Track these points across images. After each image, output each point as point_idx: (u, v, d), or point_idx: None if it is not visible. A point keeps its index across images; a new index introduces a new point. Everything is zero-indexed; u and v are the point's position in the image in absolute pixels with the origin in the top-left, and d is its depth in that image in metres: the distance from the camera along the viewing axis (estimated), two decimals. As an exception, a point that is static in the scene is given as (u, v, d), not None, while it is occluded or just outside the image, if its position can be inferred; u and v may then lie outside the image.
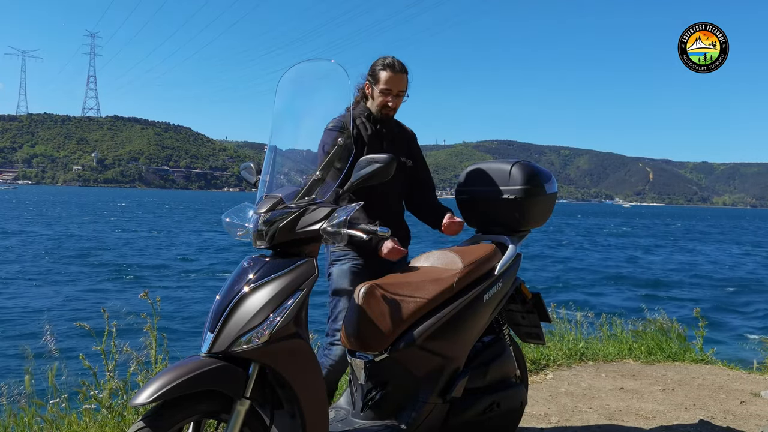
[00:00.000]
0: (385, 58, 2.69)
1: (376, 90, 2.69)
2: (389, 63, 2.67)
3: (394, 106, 2.72)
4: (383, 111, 2.71)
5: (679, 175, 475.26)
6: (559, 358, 4.76)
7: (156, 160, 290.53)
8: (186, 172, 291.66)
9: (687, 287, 19.08)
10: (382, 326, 2.24)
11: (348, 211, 1.91)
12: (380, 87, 2.67)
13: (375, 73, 2.69)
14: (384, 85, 2.66)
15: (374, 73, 2.69)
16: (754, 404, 3.84)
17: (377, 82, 2.68)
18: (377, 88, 2.68)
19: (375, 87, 2.69)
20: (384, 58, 2.69)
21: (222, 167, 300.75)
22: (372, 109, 2.74)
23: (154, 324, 3.32)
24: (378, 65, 2.69)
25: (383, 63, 2.68)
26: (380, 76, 2.66)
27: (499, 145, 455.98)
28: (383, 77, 2.66)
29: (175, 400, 1.72)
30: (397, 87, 2.67)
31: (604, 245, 36.12)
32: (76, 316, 3.23)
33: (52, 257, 21.13)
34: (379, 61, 2.70)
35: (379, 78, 2.66)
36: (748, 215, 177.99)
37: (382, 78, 2.66)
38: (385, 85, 2.66)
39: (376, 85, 2.68)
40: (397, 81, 2.66)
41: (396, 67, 2.66)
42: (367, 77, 2.73)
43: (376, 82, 2.68)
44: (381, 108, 2.71)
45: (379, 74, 2.66)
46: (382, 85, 2.66)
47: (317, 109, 2.39)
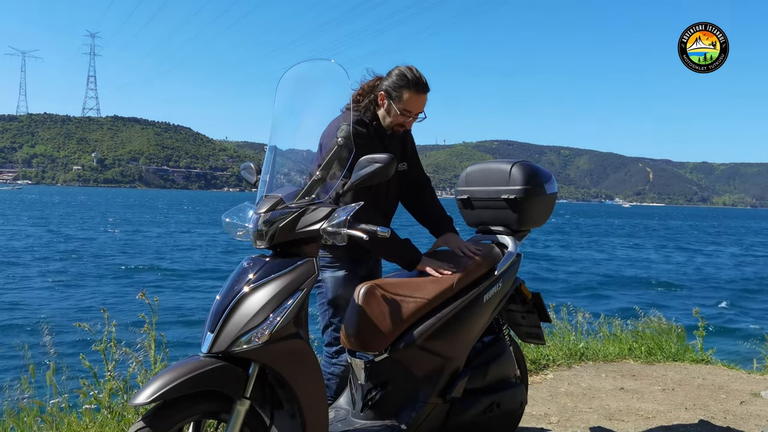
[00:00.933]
0: (409, 71, 2.43)
1: (394, 107, 2.44)
2: (414, 81, 2.41)
3: (410, 127, 2.57)
4: (396, 129, 2.53)
5: (679, 175, 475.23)
6: (559, 358, 4.76)
7: (156, 160, 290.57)
8: (186, 172, 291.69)
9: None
10: (382, 326, 2.24)
11: (348, 211, 1.91)
12: (401, 107, 2.43)
13: (397, 88, 2.43)
14: (406, 106, 2.44)
15: (396, 89, 2.43)
16: (754, 404, 3.84)
17: (398, 100, 2.43)
18: (396, 106, 2.44)
19: (394, 104, 2.44)
20: (409, 71, 2.44)
21: (222, 167, 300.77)
22: (383, 121, 2.52)
23: (153, 323, 3.32)
24: (401, 80, 2.42)
25: (408, 79, 2.41)
26: (403, 96, 2.42)
27: (499, 145, 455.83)
28: (406, 98, 2.42)
29: (175, 400, 1.72)
30: (417, 109, 2.47)
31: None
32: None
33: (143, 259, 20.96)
34: (403, 73, 2.43)
35: (402, 97, 2.42)
36: (749, 215, 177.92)
37: (405, 98, 2.42)
38: (407, 107, 2.44)
39: (395, 103, 2.44)
40: (420, 103, 2.46)
41: (421, 86, 2.43)
42: (386, 87, 2.46)
43: (396, 99, 2.43)
44: (395, 126, 2.51)
45: (403, 93, 2.42)
46: (404, 106, 2.43)
47: (317, 109, 2.38)
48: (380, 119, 2.53)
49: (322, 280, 2.54)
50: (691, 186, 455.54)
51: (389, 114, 2.49)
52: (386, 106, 2.48)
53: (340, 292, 2.51)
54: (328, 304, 2.53)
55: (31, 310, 11.95)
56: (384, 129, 2.56)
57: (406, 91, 2.42)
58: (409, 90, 2.42)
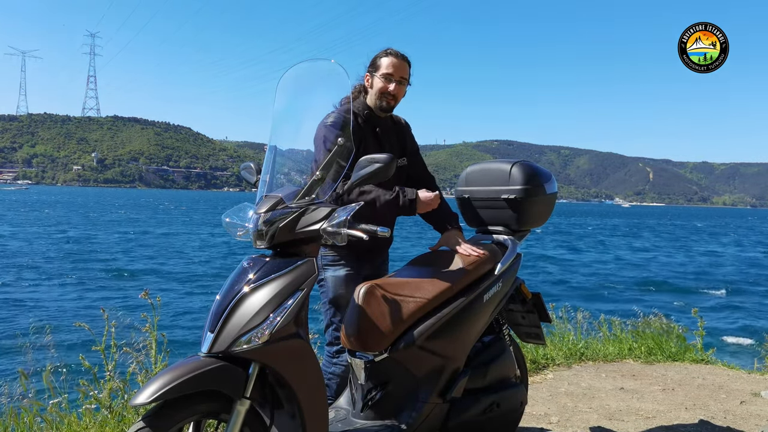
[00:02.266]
0: (386, 49, 2.59)
1: (376, 77, 2.56)
2: (391, 51, 2.57)
3: (395, 92, 2.57)
4: (384, 99, 2.57)
5: (679, 175, 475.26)
6: (559, 358, 4.76)
7: (156, 160, 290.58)
8: (186, 172, 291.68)
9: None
10: (382, 326, 2.24)
11: (348, 210, 1.91)
12: (381, 72, 2.54)
13: (375, 61, 2.57)
14: (385, 69, 2.54)
15: (374, 62, 2.57)
16: (754, 404, 3.84)
17: (377, 69, 2.56)
18: (377, 75, 2.55)
19: (375, 75, 2.56)
20: (385, 49, 2.59)
21: (222, 167, 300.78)
22: (371, 102, 2.60)
23: (155, 324, 3.32)
24: (377, 55, 2.59)
25: (384, 52, 2.58)
26: (381, 63, 2.55)
27: (499, 145, 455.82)
28: (384, 63, 2.54)
29: (175, 400, 1.72)
30: (398, 72, 2.55)
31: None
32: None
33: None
34: (380, 52, 2.60)
35: (380, 64, 2.55)
36: (749, 215, 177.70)
37: (383, 63, 2.54)
38: (387, 69, 2.54)
39: (376, 72, 2.56)
40: (399, 66, 2.55)
41: (394, 52, 2.56)
42: (367, 69, 2.61)
43: (376, 69, 2.56)
44: (381, 96, 2.56)
45: (380, 61, 2.56)
46: (384, 70, 2.54)
47: (317, 109, 2.38)
48: (371, 106, 2.60)
49: (323, 279, 2.55)
50: (691, 186, 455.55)
51: (374, 88, 2.58)
52: (370, 82, 2.59)
53: (340, 291, 2.51)
54: (329, 303, 2.54)
55: (31, 310, 11.95)
56: (377, 118, 2.59)
57: (383, 58, 2.56)
58: (385, 56, 2.55)
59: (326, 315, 2.57)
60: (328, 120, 2.41)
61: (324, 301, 2.57)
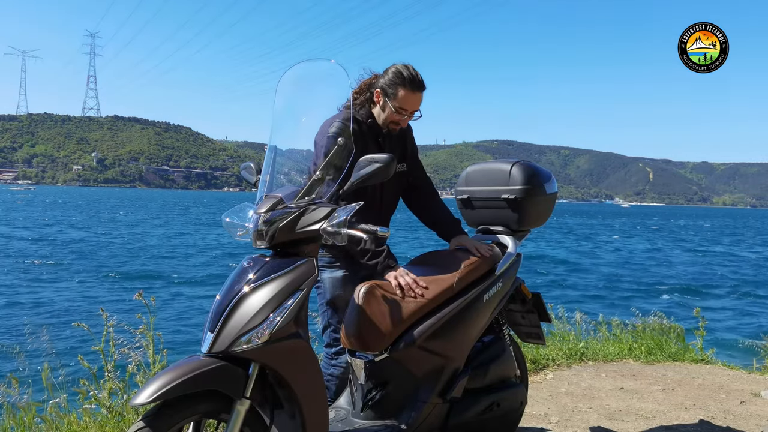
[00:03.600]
0: (406, 69, 2.42)
1: (389, 105, 2.43)
2: (410, 79, 2.40)
3: (405, 126, 2.54)
4: (391, 127, 2.51)
5: (679, 175, 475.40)
6: (559, 358, 4.76)
7: (156, 160, 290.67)
8: (186, 172, 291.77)
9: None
10: (382, 326, 2.24)
11: (348, 210, 1.91)
12: (395, 105, 2.42)
13: (393, 86, 2.41)
14: (401, 104, 2.42)
15: (391, 86, 2.42)
16: (754, 404, 3.84)
17: (392, 98, 2.42)
18: (392, 103, 2.42)
19: (389, 101, 2.43)
20: (405, 69, 2.42)
21: (222, 167, 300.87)
22: (378, 119, 2.51)
23: (151, 324, 3.31)
24: (397, 78, 2.41)
25: (404, 77, 2.40)
26: (398, 93, 2.41)
27: (499, 145, 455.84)
28: (401, 96, 2.41)
29: (175, 400, 1.72)
30: (413, 107, 2.45)
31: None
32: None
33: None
34: (399, 71, 2.42)
35: (397, 95, 2.41)
36: (750, 215, 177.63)
37: (400, 96, 2.41)
38: (402, 105, 2.42)
39: (390, 101, 2.42)
40: (415, 101, 2.44)
41: (416, 84, 2.41)
42: (381, 85, 2.44)
43: (391, 97, 2.42)
44: (390, 124, 2.50)
45: (398, 90, 2.41)
46: (399, 104, 2.42)
47: (317, 109, 2.38)
48: (376, 117, 2.53)
49: (320, 280, 2.52)
50: (691, 186, 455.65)
51: (384, 111, 2.47)
52: (381, 103, 2.47)
53: (338, 292, 2.50)
54: (327, 304, 2.53)
55: (33, 309, 11.95)
56: (380, 127, 2.55)
57: (402, 89, 2.41)
58: (404, 88, 2.41)
59: (323, 316, 2.55)
60: (332, 129, 2.33)
61: (321, 302, 2.54)
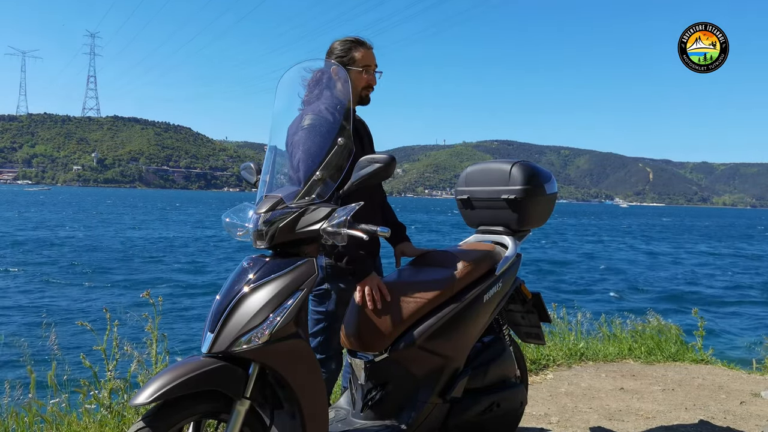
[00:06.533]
0: (344, 38, 2.47)
1: (354, 71, 2.43)
2: (356, 40, 2.45)
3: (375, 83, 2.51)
4: (365, 92, 2.50)
5: (679, 175, 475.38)
6: (559, 358, 4.76)
7: (156, 160, 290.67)
8: (186, 172, 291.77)
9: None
10: (382, 326, 2.24)
11: (348, 210, 1.91)
12: (359, 65, 2.44)
13: (346, 53, 2.43)
14: (363, 62, 2.44)
15: (345, 56, 2.43)
16: (754, 404, 3.84)
17: (353, 63, 2.44)
18: (355, 68, 2.43)
19: (352, 68, 2.43)
20: (343, 39, 2.46)
21: (222, 167, 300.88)
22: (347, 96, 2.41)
23: (155, 324, 3.32)
24: (345, 45, 2.45)
25: (351, 41, 2.45)
26: (355, 56, 2.44)
27: (499, 145, 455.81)
28: (359, 56, 2.44)
29: (175, 400, 1.72)
30: (373, 62, 2.48)
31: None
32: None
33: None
34: (343, 41, 2.46)
35: (355, 57, 2.44)
36: (750, 215, 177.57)
37: (359, 57, 2.44)
38: (365, 62, 2.45)
39: (353, 66, 2.43)
40: (372, 57, 2.48)
41: (363, 42, 2.46)
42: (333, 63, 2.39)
43: (351, 63, 2.43)
44: (363, 90, 2.48)
45: (353, 54, 2.44)
46: (362, 63, 2.44)
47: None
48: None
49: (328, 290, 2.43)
50: (691, 186, 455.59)
51: (353, 82, 2.40)
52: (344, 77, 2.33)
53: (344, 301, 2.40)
54: (329, 313, 2.43)
55: (34, 309, 11.95)
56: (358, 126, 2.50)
57: (356, 51, 2.44)
58: (357, 48, 2.44)
59: (318, 323, 2.45)
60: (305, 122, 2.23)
61: (322, 309, 2.44)
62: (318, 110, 2.24)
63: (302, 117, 2.26)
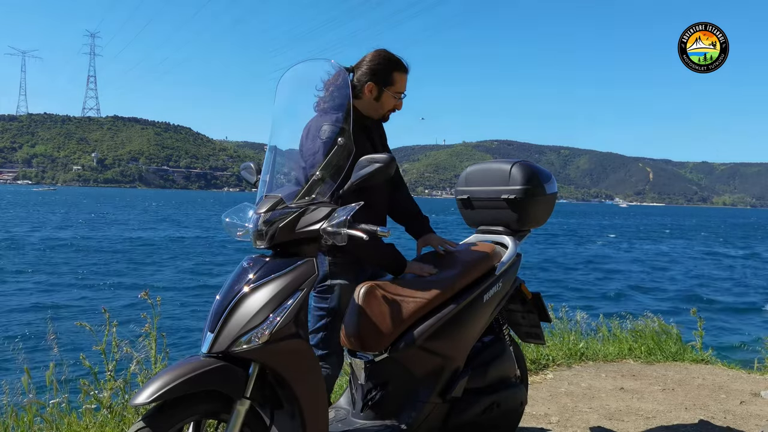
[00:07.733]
0: (390, 54, 2.42)
1: (388, 93, 2.41)
2: (398, 62, 2.42)
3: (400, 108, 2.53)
4: (389, 113, 2.50)
5: (679, 175, 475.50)
6: (559, 358, 4.76)
7: (156, 160, 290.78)
8: (186, 172, 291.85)
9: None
10: (382, 326, 2.24)
11: (348, 210, 1.91)
12: (394, 90, 2.41)
13: (387, 74, 2.39)
14: (398, 89, 2.42)
15: (385, 74, 2.39)
16: (754, 404, 3.84)
17: (390, 85, 2.40)
18: (390, 91, 2.41)
19: (387, 90, 2.40)
20: (389, 54, 2.42)
21: (222, 167, 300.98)
22: (367, 111, 2.45)
23: (154, 324, 3.32)
24: (389, 64, 2.40)
25: (394, 62, 2.41)
26: (394, 79, 2.40)
27: (499, 145, 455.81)
28: (398, 79, 2.41)
29: (175, 400, 1.72)
30: (405, 89, 2.47)
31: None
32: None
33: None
34: (387, 58, 2.40)
35: (394, 80, 2.40)
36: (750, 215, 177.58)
37: (397, 80, 2.41)
38: (400, 88, 2.43)
39: (388, 88, 2.40)
40: (406, 82, 2.46)
41: (404, 65, 2.43)
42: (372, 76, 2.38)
43: (388, 84, 2.40)
44: (388, 112, 2.49)
45: (394, 76, 2.40)
46: (396, 89, 2.42)
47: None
48: (361, 110, 2.43)
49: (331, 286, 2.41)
50: (691, 186, 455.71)
51: (379, 101, 2.41)
52: (374, 94, 2.40)
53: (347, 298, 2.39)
54: (331, 310, 2.41)
55: (36, 308, 11.95)
56: (365, 119, 2.47)
57: (396, 74, 2.41)
58: (398, 72, 2.41)
59: (320, 320, 2.42)
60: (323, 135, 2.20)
61: (324, 305, 2.42)
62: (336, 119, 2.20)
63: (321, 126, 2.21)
